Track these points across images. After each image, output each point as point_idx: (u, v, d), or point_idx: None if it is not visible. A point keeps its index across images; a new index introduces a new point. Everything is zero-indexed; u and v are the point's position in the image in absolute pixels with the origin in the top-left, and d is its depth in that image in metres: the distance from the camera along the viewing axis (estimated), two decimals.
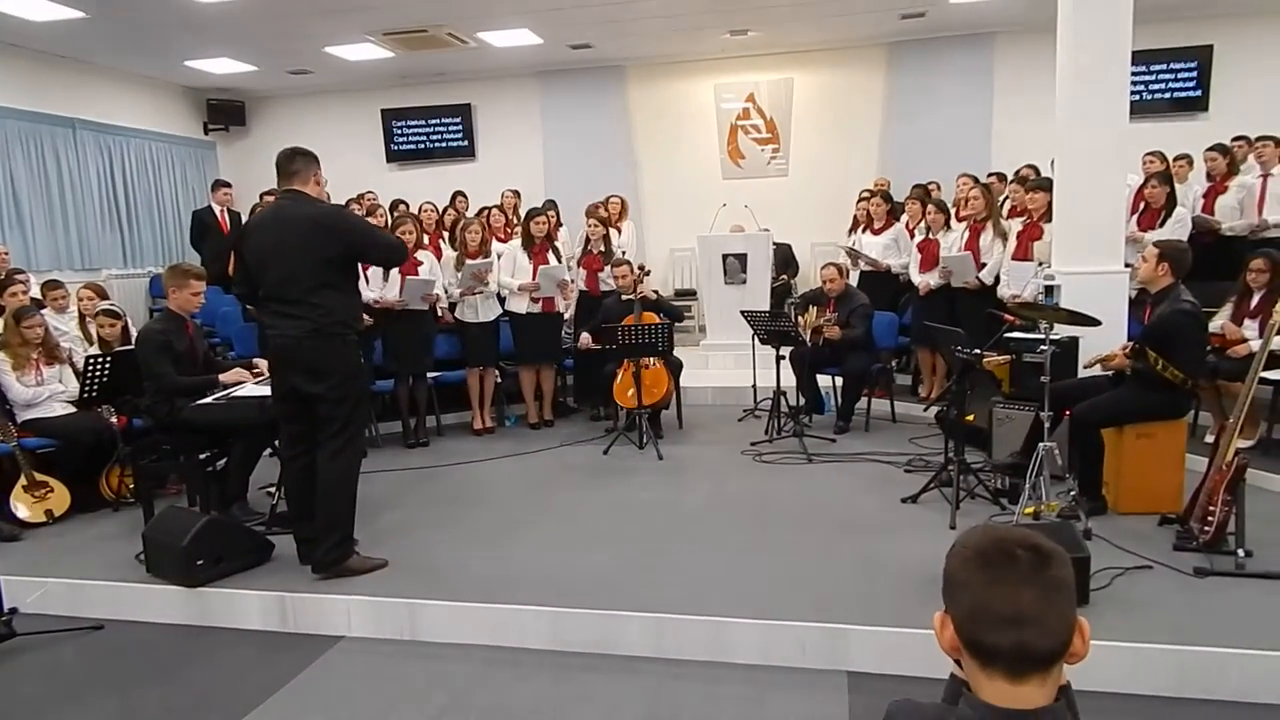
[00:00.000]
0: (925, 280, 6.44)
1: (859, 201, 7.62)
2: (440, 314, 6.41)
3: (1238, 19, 8.71)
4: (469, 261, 6.14)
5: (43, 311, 5.36)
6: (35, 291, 6.12)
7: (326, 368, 3.59)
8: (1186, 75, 8.96)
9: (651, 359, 5.92)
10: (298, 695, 3.06)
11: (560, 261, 6.48)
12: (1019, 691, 1.07)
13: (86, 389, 4.82)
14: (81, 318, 5.67)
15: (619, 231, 7.65)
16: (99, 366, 4.80)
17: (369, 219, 6.45)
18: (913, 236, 6.82)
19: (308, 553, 3.77)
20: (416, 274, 5.90)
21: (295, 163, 3.65)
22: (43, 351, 5.02)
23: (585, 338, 6.35)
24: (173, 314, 4.50)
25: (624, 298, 6.28)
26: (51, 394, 4.97)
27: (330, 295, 3.57)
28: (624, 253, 7.38)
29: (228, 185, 8.99)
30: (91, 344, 5.42)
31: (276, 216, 3.70)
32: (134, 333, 5.40)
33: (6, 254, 7.00)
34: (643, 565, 3.74)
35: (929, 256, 6.47)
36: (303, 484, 3.79)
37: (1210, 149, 6.52)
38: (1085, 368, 4.40)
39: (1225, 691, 2.76)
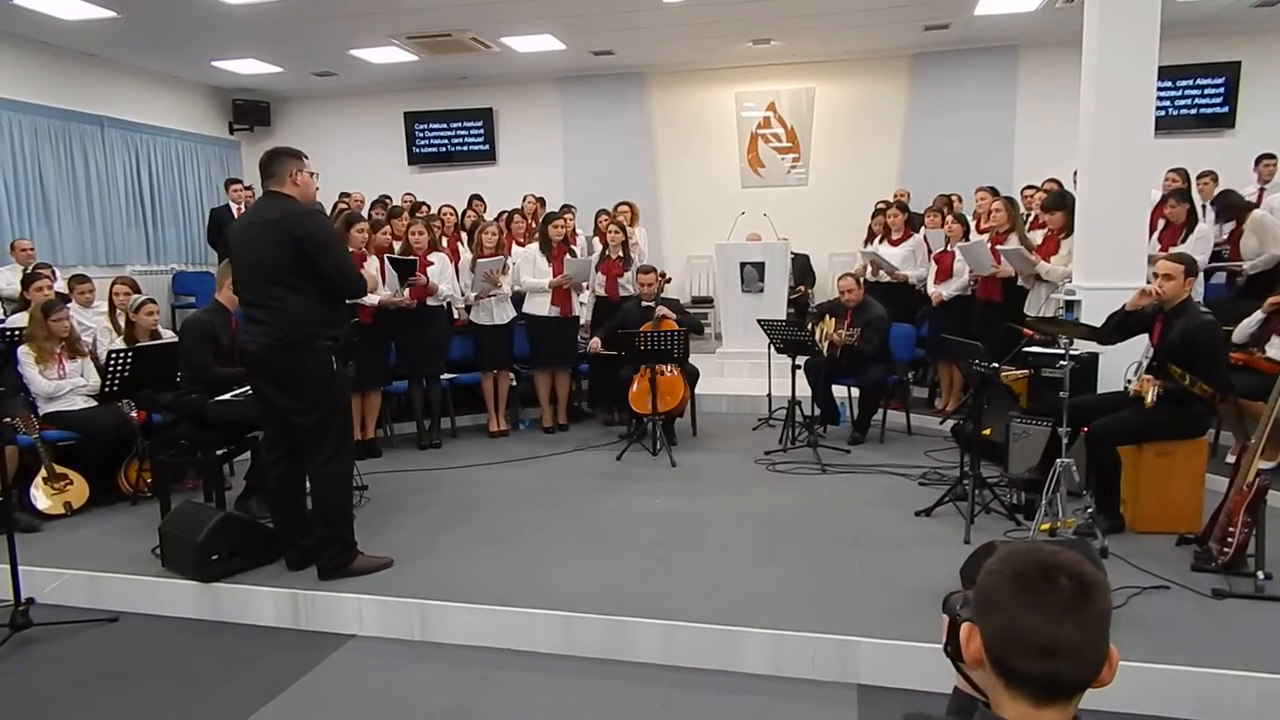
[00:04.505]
0: (937, 291, 6.41)
1: (874, 215, 7.59)
2: (456, 315, 6.45)
3: (1267, 35, 8.63)
4: (480, 260, 6.18)
5: (68, 306, 5.43)
6: (60, 285, 6.21)
7: (293, 377, 3.57)
8: (1214, 91, 8.88)
9: (669, 367, 5.92)
10: (307, 693, 3.08)
11: None
12: (1040, 715, 1.05)
13: (107, 384, 4.89)
14: (112, 309, 5.74)
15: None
16: (120, 362, 4.86)
17: (394, 220, 6.47)
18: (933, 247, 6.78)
19: (296, 558, 3.78)
20: (426, 274, 5.93)
21: (273, 164, 3.62)
22: (65, 345, 5.09)
23: (595, 342, 6.37)
24: (221, 307, 4.58)
25: (644, 304, 6.30)
26: (73, 387, 5.04)
27: (292, 298, 3.51)
28: (640, 259, 7.39)
29: (238, 181, 9.08)
30: (119, 334, 5.47)
31: (249, 219, 3.75)
32: (161, 330, 5.46)
33: (33, 249, 7.11)
34: (654, 572, 3.74)
35: (944, 269, 6.44)
36: (283, 491, 3.81)
37: (1212, 202, 6.44)
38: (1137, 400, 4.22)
39: (1243, 715, 2.73)
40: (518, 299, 6.54)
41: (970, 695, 1.22)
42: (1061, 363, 3.84)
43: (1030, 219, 6.57)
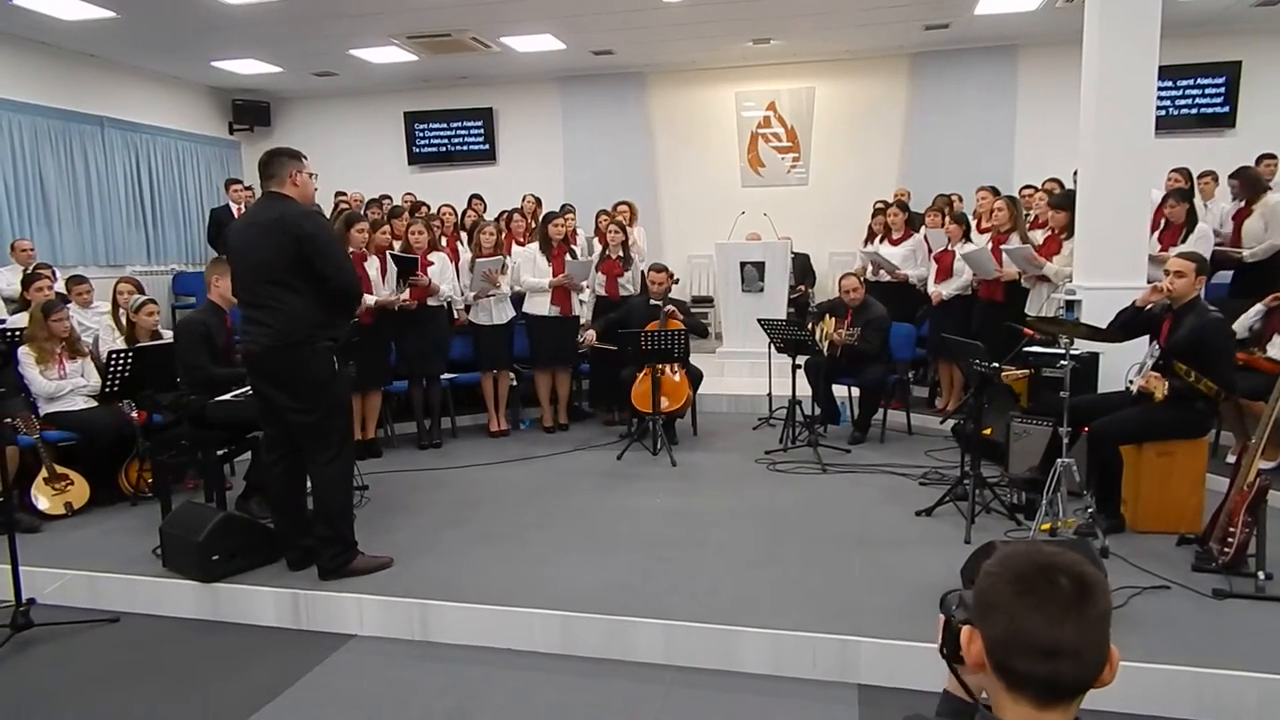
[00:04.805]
0: (937, 291, 6.40)
1: (874, 215, 7.60)
2: (456, 316, 6.45)
3: (1268, 35, 8.62)
4: (479, 260, 6.18)
5: (68, 306, 5.43)
6: (60, 286, 6.20)
7: (293, 378, 3.57)
8: (1214, 91, 8.88)
9: (673, 368, 5.91)
10: (308, 693, 3.08)
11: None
12: (1043, 717, 1.05)
13: (108, 384, 4.89)
14: (115, 308, 5.75)
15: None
16: (121, 362, 4.86)
17: (394, 221, 6.46)
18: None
19: (296, 558, 3.79)
20: (426, 274, 5.92)
21: (272, 165, 3.62)
22: (65, 346, 5.09)
23: (590, 334, 6.36)
24: (215, 306, 4.59)
25: (652, 303, 6.29)
26: (74, 388, 5.04)
27: (291, 299, 3.50)
28: (640, 259, 7.40)
29: (238, 182, 9.06)
30: (123, 334, 5.48)
31: (250, 219, 3.76)
32: (161, 330, 5.45)
33: (33, 249, 7.11)
34: (654, 572, 3.73)
35: (944, 268, 6.44)
36: (283, 491, 3.81)
37: (1232, 175, 6.39)
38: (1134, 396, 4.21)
39: (1244, 715, 2.73)
40: (517, 299, 6.54)
41: (960, 698, 1.21)
42: (1062, 362, 3.84)
43: (1031, 219, 6.56)
